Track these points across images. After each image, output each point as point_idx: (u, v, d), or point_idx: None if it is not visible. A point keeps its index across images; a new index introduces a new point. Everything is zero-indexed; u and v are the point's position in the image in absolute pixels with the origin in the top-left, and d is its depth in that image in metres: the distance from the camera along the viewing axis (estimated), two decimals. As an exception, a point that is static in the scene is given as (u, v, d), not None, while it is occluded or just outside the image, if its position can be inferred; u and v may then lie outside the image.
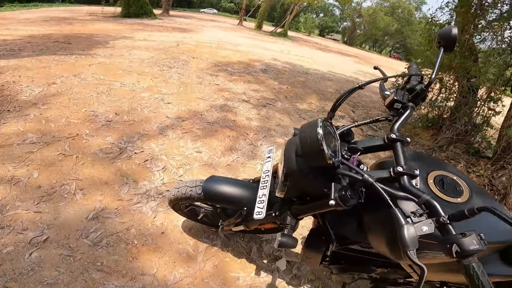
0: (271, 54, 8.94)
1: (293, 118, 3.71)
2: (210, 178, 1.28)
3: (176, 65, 5.00)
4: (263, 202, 1.01)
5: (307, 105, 4.44)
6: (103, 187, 1.82)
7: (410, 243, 0.58)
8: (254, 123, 3.24)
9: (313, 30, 38.65)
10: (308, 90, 5.37)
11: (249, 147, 2.68)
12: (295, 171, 0.83)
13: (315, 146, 0.72)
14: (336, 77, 7.60)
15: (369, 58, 19.63)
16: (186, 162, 2.26)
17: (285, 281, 1.49)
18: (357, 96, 5.88)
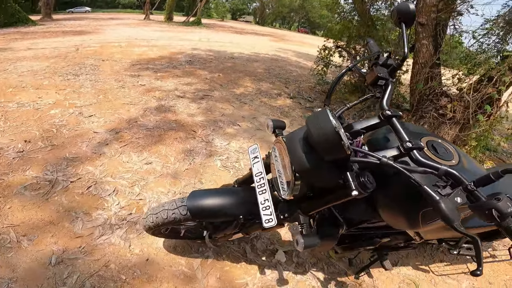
0: (191, 44, 8.48)
1: (235, 105, 3.61)
2: (192, 195, 1.13)
3: (84, 71, 4.26)
4: (268, 208, 0.93)
5: (244, 89, 4.38)
6: (51, 228, 1.50)
7: (452, 216, 0.58)
8: (198, 118, 3.03)
9: (226, 15, 38.29)
10: (239, 74, 5.30)
11: (202, 145, 2.49)
12: (307, 169, 0.77)
13: (332, 138, 0.67)
14: (260, 57, 7.70)
15: (283, 35, 20.54)
16: (139, 177, 1.97)
17: (291, 272, 1.46)
18: (284, 73, 6.09)
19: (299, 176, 0.81)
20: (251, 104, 3.78)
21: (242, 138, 2.78)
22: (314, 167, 0.76)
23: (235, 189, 1.18)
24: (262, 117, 3.41)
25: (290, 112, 3.81)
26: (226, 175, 2.15)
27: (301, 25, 51.91)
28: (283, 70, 6.36)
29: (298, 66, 7.34)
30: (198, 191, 1.16)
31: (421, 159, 0.72)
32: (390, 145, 0.84)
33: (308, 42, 17.87)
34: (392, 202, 0.84)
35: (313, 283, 1.42)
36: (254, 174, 1.01)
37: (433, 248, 1.73)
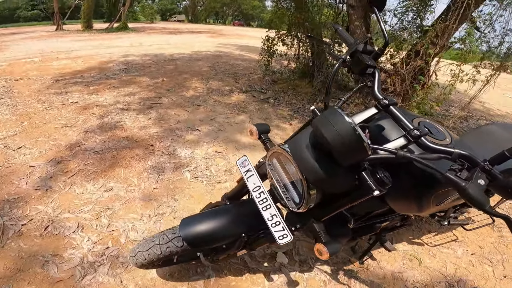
0: (123, 51, 7.74)
1: (188, 109, 3.39)
2: (184, 223, 1.01)
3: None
4: (279, 223, 0.85)
5: (194, 91, 4.15)
6: (23, 275, 1.28)
7: (482, 200, 0.57)
8: (152, 130, 2.75)
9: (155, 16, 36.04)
10: (185, 75, 5.02)
11: (164, 159, 2.26)
12: (323, 179, 0.72)
13: (352, 140, 0.62)
14: (203, 55, 7.43)
15: (219, 31, 20.23)
16: (102, 207, 1.71)
17: (297, 271, 1.41)
18: (230, 68, 5.99)
19: (313, 187, 0.76)
20: (205, 105, 3.60)
21: (205, 143, 2.62)
22: (329, 175, 0.71)
23: (228, 207, 1.10)
24: (220, 117, 3.28)
25: (247, 107, 3.73)
26: (199, 186, 1.99)
27: (235, 18, 51.88)
28: (229, 65, 6.23)
29: (243, 59, 7.29)
30: (189, 218, 1.04)
31: (431, 145, 0.70)
32: (392, 135, 0.82)
33: (245, 34, 17.94)
34: (402, 190, 0.83)
35: (322, 277, 1.40)
36: (252, 189, 0.93)
37: (422, 222, 1.85)
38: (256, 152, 2.60)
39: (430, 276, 1.49)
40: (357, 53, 0.92)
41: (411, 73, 3.44)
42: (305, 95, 4.17)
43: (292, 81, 4.61)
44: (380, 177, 0.70)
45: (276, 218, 0.87)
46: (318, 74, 4.09)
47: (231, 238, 1.02)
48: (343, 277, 1.41)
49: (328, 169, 0.71)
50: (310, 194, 0.77)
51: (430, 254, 1.63)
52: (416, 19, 3.86)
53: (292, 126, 3.33)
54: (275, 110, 3.75)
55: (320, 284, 1.36)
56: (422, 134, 0.71)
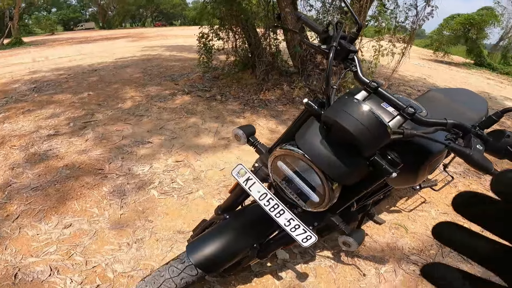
0: (25, 68, 6.53)
1: (131, 122, 3.05)
2: (192, 249, 0.90)
3: None
4: (298, 226, 0.81)
5: (131, 101, 3.75)
6: None
7: (486, 164, 0.59)
8: (94, 152, 2.38)
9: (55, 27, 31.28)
10: (115, 86, 4.49)
11: (121, 181, 1.97)
12: (347, 173, 0.69)
13: (376, 126, 0.62)
14: (129, 61, 6.77)
15: (140, 34, 18.75)
16: (69, 245, 1.45)
17: (302, 263, 1.38)
18: (165, 70, 5.61)
19: (335, 183, 0.73)
20: (149, 114, 3.29)
21: (162, 154, 2.39)
22: (351, 167, 0.70)
23: (230, 220, 1.02)
24: (169, 124, 3.03)
25: (194, 108, 3.55)
26: (171, 202, 1.80)
27: (155, 19, 48.81)
28: (163, 68, 5.82)
29: (175, 59, 6.90)
30: (194, 242, 0.94)
31: (426, 119, 0.72)
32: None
33: (170, 34, 17.04)
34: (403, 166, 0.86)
35: (328, 263, 1.40)
36: (258, 198, 0.87)
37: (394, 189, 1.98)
38: (224, 153, 2.49)
39: (421, 241, 1.61)
40: (330, 39, 0.90)
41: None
42: (251, 86, 4.16)
43: (235, 74, 4.54)
44: (392, 158, 0.71)
45: (294, 221, 0.83)
46: (259, 64, 4.11)
47: (244, 251, 0.96)
48: (347, 258, 1.45)
49: (349, 161, 0.70)
50: (334, 190, 0.74)
51: (411, 220, 1.78)
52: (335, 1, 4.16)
53: (245, 119, 3.29)
54: (225, 106, 3.65)
55: (328, 270, 1.38)
56: (416, 111, 0.73)
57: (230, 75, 4.61)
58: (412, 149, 0.85)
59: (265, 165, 0.93)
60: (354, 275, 1.36)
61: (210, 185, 2.03)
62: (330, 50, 0.79)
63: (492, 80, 8.78)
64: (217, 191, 1.96)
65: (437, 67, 10.00)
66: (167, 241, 1.46)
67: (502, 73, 11.18)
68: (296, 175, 0.79)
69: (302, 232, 0.82)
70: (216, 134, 2.86)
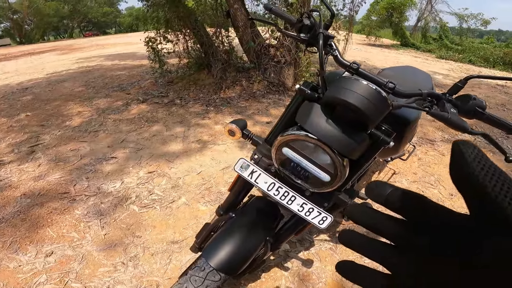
0: None
1: (86, 139, 2.77)
2: (209, 252, 0.87)
3: None
4: (312, 209, 0.82)
5: (80, 117, 3.40)
6: None
7: (463, 124, 0.67)
8: (52, 176, 2.11)
9: (-44, 48, 26.48)
10: (55, 103, 4.03)
11: (93, 201, 1.79)
12: (354, 147, 0.72)
13: (378, 99, 0.66)
14: (66, 75, 6.10)
15: (70, 46, 16.95)
16: (60, 273, 1.32)
17: (303, 251, 1.41)
18: (111, 81, 5.19)
19: (346, 158, 0.75)
20: (105, 129, 3.03)
21: (131, 168, 2.22)
22: (358, 141, 0.72)
23: (237, 219, 1.00)
24: (131, 136, 2.83)
25: (154, 115, 3.36)
26: (155, 213, 1.69)
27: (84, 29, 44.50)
28: (108, 79, 5.38)
29: (120, 68, 6.43)
30: (211, 245, 0.90)
31: (405, 92, 0.79)
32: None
33: (106, 43, 15.74)
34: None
35: (328, 246, 1.46)
36: (266, 189, 0.86)
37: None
38: (197, 157, 2.41)
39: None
40: (305, 28, 0.93)
41: (294, 43, 3.85)
42: (209, 86, 4.08)
43: (190, 76, 4.41)
44: (385, 128, 0.77)
45: (307, 205, 0.84)
46: (214, 62, 4.04)
47: (259, 246, 0.95)
48: None
49: (356, 136, 0.72)
50: (345, 166, 0.76)
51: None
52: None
53: (211, 119, 3.23)
54: (187, 109, 3.54)
55: (329, 252, 1.43)
56: (395, 85, 0.80)
57: (185, 77, 4.46)
58: (394, 119, 0.93)
59: (265, 156, 0.92)
60: (355, 253, 1.44)
61: (191, 191, 1.96)
62: (319, 37, 0.82)
63: (419, 58, 9.95)
64: (200, 195, 1.91)
65: (372, 50, 10.98)
66: (163, 254, 1.38)
67: (425, 50, 12.72)
68: (304, 158, 0.81)
69: (317, 214, 0.83)
70: (184, 139, 2.76)
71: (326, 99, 0.75)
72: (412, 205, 0.21)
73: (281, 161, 0.85)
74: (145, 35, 4.19)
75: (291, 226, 1.00)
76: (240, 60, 4.26)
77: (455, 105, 0.73)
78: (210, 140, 2.73)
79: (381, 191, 0.23)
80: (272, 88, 3.92)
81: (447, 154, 2.60)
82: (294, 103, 0.88)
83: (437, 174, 2.23)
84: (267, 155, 0.91)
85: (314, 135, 0.74)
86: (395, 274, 0.22)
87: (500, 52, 10.21)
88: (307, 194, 0.88)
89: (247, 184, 1.00)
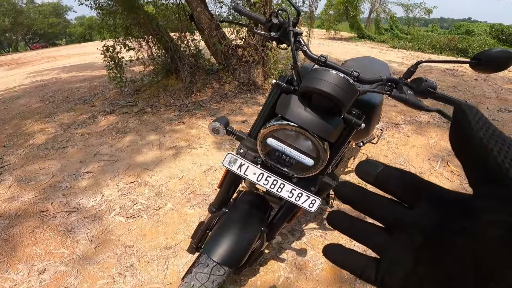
0: None
1: (55, 156, 2.62)
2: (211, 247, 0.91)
3: None
4: (301, 194, 0.88)
5: (43, 134, 3.20)
6: None
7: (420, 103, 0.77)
8: (26, 197, 1.98)
9: None
10: (13, 121, 3.73)
11: (75, 217, 1.72)
12: (332, 131, 0.79)
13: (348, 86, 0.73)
14: (18, 91, 5.63)
15: (16, 60, 15.53)
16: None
17: (296, 241, 1.48)
18: (72, 94, 4.92)
19: (326, 142, 0.82)
20: (74, 144, 2.88)
21: (109, 180, 2.16)
22: (336, 124, 0.80)
23: (231, 214, 1.03)
24: (103, 148, 2.73)
25: (126, 125, 3.26)
26: (143, 222, 1.67)
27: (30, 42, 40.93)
28: (68, 92, 5.08)
29: (79, 80, 6.08)
30: (211, 241, 0.94)
31: (368, 78, 0.88)
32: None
33: (58, 54, 14.68)
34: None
35: (318, 234, 1.54)
36: (255, 180, 0.90)
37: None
38: (177, 162, 2.40)
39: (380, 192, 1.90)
40: (275, 27, 0.99)
41: (260, 42, 3.94)
42: (180, 91, 4.03)
43: (159, 83, 4.31)
44: (356, 112, 0.85)
45: (296, 191, 0.89)
46: (182, 67, 3.99)
47: (256, 237, 1.00)
48: None
49: (332, 120, 0.80)
50: (325, 149, 0.82)
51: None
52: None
53: (185, 124, 3.21)
54: (159, 117, 3.47)
55: (320, 239, 1.52)
56: (359, 73, 0.89)
57: (153, 84, 4.36)
58: (361, 104, 1.02)
59: (250, 149, 0.96)
60: (344, 237, 1.53)
61: (176, 196, 1.96)
62: (289, 35, 0.88)
63: (375, 48, 10.61)
64: (186, 199, 1.91)
65: (332, 43, 11.49)
66: (159, 260, 1.38)
67: (379, 41, 13.59)
68: (287, 146, 0.86)
69: (306, 198, 0.88)
70: (161, 146, 2.72)
71: (302, 90, 0.81)
72: (403, 184, 0.21)
73: (267, 151, 0.89)
74: (103, 44, 4.01)
75: (283, 214, 1.04)
76: (208, 63, 4.26)
77: (411, 87, 0.83)
78: (188, 144, 2.72)
79: (371, 169, 0.23)
80: (243, 88, 3.98)
81: (411, 135, 2.85)
82: (272, 97, 0.94)
83: (405, 155, 2.45)
84: (252, 148, 0.95)
85: (294, 122, 0.80)
86: (384, 256, 0.21)
87: (445, 38, 11.24)
88: (294, 180, 0.92)
89: (236, 178, 1.04)
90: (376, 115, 1.14)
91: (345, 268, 0.23)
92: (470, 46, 9.87)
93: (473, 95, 4.36)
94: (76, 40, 35.71)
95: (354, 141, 1.25)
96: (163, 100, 3.92)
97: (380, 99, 1.15)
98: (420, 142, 2.72)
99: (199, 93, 3.93)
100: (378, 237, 0.22)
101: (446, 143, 2.66)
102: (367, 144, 1.99)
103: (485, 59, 0.74)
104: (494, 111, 3.69)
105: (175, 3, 4.05)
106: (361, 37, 14.92)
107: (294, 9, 1.00)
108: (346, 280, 1.34)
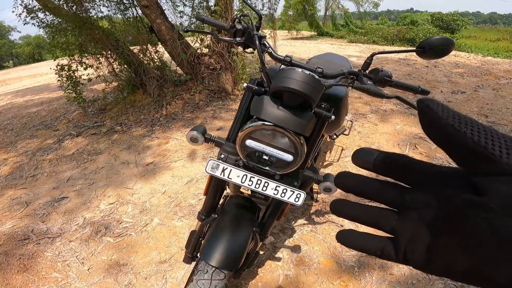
0: None
1: (25, 186, 2.47)
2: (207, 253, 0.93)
3: None
4: (286, 190, 0.92)
5: (7, 165, 2.98)
6: None
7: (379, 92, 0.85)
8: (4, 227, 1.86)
9: None
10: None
11: (60, 241, 1.65)
12: (306, 125, 0.84)
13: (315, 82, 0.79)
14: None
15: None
16: None
17: (288, 239, 1.53)
18: (30, 120, 4.62)
19: (301, 136, 0.86)
20: (43, 172, 2.73)
21: (88, 203, 2.09)
22: (308, 119, 0.85)
23: (222, 218, 1.06)
24: (76, 173, 2.62)
25: (96, 147, 3.15)
26: (132, 240, 1.66)
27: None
28: (25, 118, 4.75)
29: (36, 104, 5.70)
30: (207, 248, 0.96)
31: (332, 73, 0.96)
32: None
33: (8, 78, 13.47)
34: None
35: (308, 229, 1.62)
36: (240, 182, 0.93)
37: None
38: (157, 177, 2.38)
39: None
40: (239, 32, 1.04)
41: (225, 48, 4.00)
42: (149, 106, 3.96)
43: (125, 99, 4.19)
44: (324, 106, 0.91)
45: (281, 187, 0.92)
46: (148, 81, 3.93)
47: (249, 238, 1.02)
48: (319, 218, 1.67)
49: (304, 115, 0.85)
50: (302, 143, 0.87)
51: (342, 167, 2.17)
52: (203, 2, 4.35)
53: (160, 139, 3.18)
54: (131, 134, 3.39)
55: (312, 234, 1.59)
56: (322, 69, 0.96)
57: (119, 101, 4.22)
58: (328, 98, 1.08)
59: (231, 153, 0.98)
60: (334, 229, 1.60)
61: (162, 210, 1.96)
62: (254, 38, 0.94)
63: (335, 44, 11.14)
64: (172, 213, 1.92)
65: (295, 43, 11.86)
66: (156, 275, 1.39)
67: (337, 37, 14.26)
68: (266, 145, 0.89)
69: (291, 193, 0.92)
70: (138, 164, 2.68)
71: (273, 90, 0.86)
72: (402, 166, 0.22)
73: (247, 153, 0.92)
74: (56, 63, 3.81)
75: (272, 212, 1.07)
76: (175, 74, 4.23)
77: (370, 78, 0.92)
78: (165, 159, 2.71)
79: (367, 157, 0.24)
80: (214, 96, 4.01)
81: (379, 124, 3.08)
82: (245, 100, 0.98)
83: (376, 142, 2.64)
84: (232, 152, 0.98)
85: (270, 122, 0.84)
86: (400, 235, 0.21)
87: (394, 30, 12.11)
88: (277, 178, 0.96)
89: (220, 183, 1.06)
90: (344, 107, 1.22)
91: (364, 250, 0.23)
92: (416, 35, 10.73)
93: (427, 81, 4.78)
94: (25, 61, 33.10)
95: (327, 134, 1.34)
96: (133, 117, 3.83)
97: (345, 91, 1.22)
98: (387, 129, 2.95)
99: (170, 106, 3.90)
100: (387, 219, 0.22)
101: (411, 128, 2.91)
102: (340, 136, 2.08)
103: (428, 47, 0.80)
104: (448, 93, 4.09)
105: (131, 16, 3.97)
106: (321, 34, 15.54)
107: (255, 13, 1.05)
108: (344, 270, 1.39)
